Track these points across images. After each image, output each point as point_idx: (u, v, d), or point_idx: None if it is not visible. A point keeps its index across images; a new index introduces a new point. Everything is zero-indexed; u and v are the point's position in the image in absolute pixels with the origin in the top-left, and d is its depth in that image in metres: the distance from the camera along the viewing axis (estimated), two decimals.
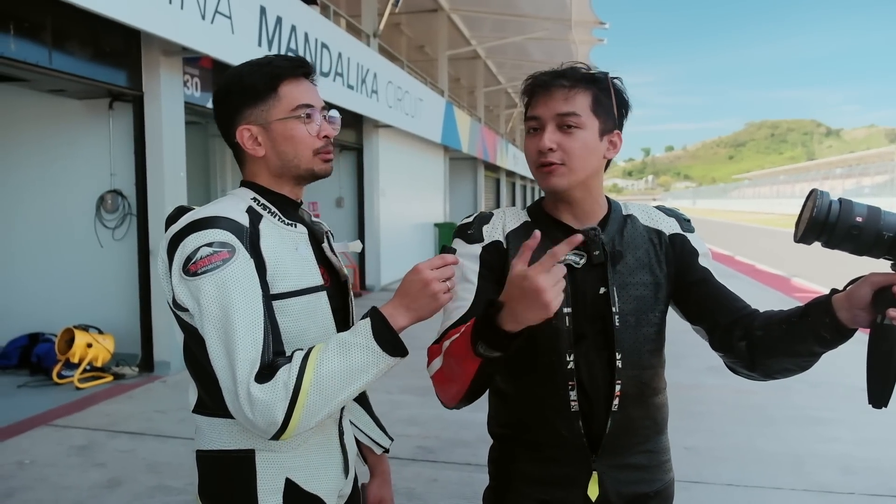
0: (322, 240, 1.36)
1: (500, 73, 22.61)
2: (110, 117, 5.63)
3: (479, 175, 19.46)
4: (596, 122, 1.31)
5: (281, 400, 1.07)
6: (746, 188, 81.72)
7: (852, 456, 3.80)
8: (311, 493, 1.27)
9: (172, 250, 1.17)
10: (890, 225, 1.05)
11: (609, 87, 1.33)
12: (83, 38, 4.88)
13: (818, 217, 1.07)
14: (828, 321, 1.13)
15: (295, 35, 6.85)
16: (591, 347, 1.32)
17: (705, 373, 5.41)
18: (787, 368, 1.25)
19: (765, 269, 14.12)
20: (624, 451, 1.35)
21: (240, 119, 1.26)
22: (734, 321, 1.31)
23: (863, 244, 1.07)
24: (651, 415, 1.38)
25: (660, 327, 1.38)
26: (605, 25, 15.35)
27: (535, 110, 1.33)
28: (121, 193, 5.64)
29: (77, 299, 5.74)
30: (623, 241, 1.36)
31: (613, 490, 1.34)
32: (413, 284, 1.16)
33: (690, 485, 3.43)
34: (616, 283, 1.33)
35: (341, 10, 9.91)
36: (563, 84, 1.30)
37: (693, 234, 1.43)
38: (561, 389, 1.31)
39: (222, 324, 1.11)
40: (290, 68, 1.27)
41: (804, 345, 1.18)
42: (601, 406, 1.32)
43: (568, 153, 1.29)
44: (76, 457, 3.83)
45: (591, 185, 1.36)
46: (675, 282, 1.39)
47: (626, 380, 1.32)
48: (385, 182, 11.10)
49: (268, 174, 1.29)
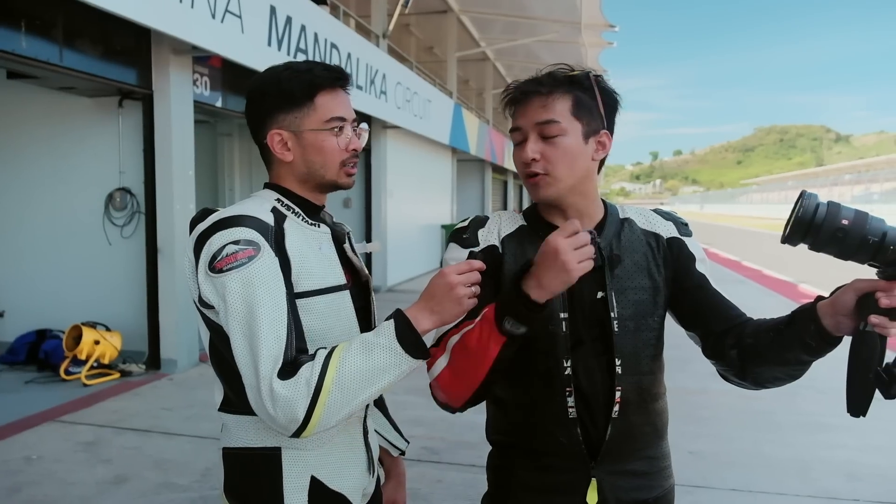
0: (343, 240, 1.38)
1: (510, 76, 22.60)
2: (119, 115, 5.66)
3: (486, 177, 19.47)
4: (578, 125, 1.28)
5: (303, 397, 1.08)
6: (754, 193, 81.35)
7: (858, 462, 3.78)
8: (336, 491, 1.28)
9: (199, 248, 1.19)
10: (875, 229, 1.04)
11: (593, 87, 1.30)
12: (94, 36, 4.91)
13: (804, 218, 1.06)
14: (813, 328, 1.11)
15: (305, 35, 6.87)
16: (589, 353, 1.30)
17: (712, 378, 5.35)
18: (776, 377, 1.24)
19: (772, 274, 14.06)
20: (624, 457, 1.33)
21: (272, 122, 1.28)
22: (727, 329, 1.29)
23: (847, 247, 1.05)
24: (651, 421, 1.36)
25: (659, 332, 1.36)
26: (615, 28, 15.32)
27: (517, 121, 1.32)
28: (129, 191, 5.67)
29: (85, 296, 5.78)
30: (621, 245, 1.34)
31: (613, 497, 1.31)
32: (439, 288, 1.16)
33: (695, 489, 3.42)
34: (614, 287, 1.31)
35: (351, 10, 9.94)
36: (540, 91, 1.28)
37: (690, 239, 1.40)
38: (558, 396, 1.29)
39: (247, 320, 1.12)
40: (328, 79, 1.28)
41: (791, 353, 1.16)
42: (601, 413, 1.30)
43: (551, 162, 1.27)
44: (83, 453, 3.85)
45: (584, 188, 1.33)
46: (673, 286, 1.37)
47: (627, 386, 1.30)
48: (393, 183, 11.11)
49: (293, 178, 1.31)
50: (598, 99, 1.30)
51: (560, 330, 1.29)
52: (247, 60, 5.81)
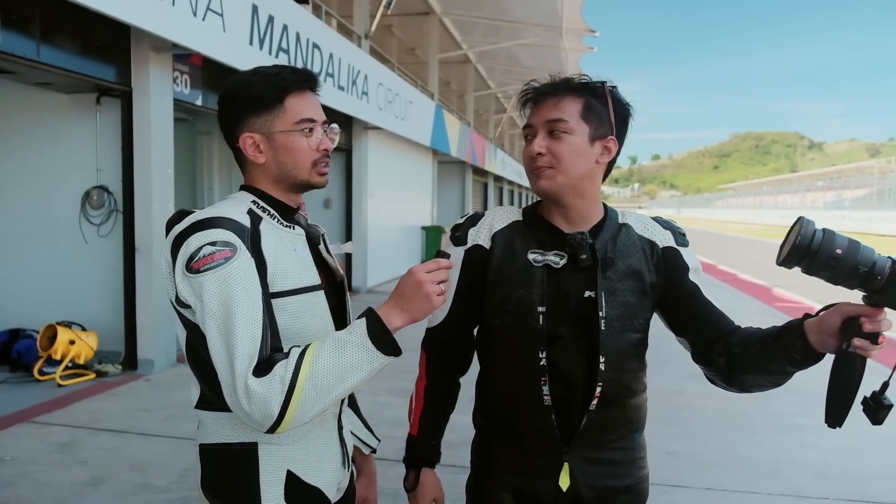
0: (318, 242, 1.40)
1: (491, 78, 22.69)
2: (98, 112, 5.59)
3: (467, 179, 19.50)
4: (586, 127, 1.35)
5: (277, 394, 1.10)
6: (730, 198, 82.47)
7: (828, 462, 3.87)
8: (312, 485, 1.31)
9: (176, 249, 1.21)
10: (866, 260, 1.11)
11: (605, 95, 1.37)
12: (72, 31, 4.85)
13: (802, 244, 1.13)
14: (799, 344, 1.21)
15: (286, 34, 6.84)
16: (570, 347, 1.38)
17: (688, 379, 5.46)
18: (761, 384, 1.33)
19: (747, 278, 14.27)
20: (597, 446, 1.41)
21: (243, 126, 1.30)
22: (717, 337, 1.37)
23: (839, 274, 1.13)
24: (628, 415, 1.43)
25: (644, 333, 1.43)
26: (596, 34, 15.44)
27: (530, 119, 1.40)
28: (107, 189, 5.60)
29: (60, 296, 5.69)
30: (616, 249, 1.41)
31: (584, 482, 1.40)
32: (408, 286, 1.21)
33: (671, 488, 3.48)
34: (604, 288, 1.38)
35: (333, 10, 9.92)
36: (552, 93, 1.37)
37: (686, 249, 1.47)
38: (534, 384, 1.37)
39: (223, 319, 1.14)
40: (297, 82, 1.30)
41: (777, 364, 1.25)
42: (578, 403, 1.38)
43: (556, 156, 1.35)
44: (58, 454, 3.80)
45: (585, 189, 1.39)
46: (664, 293, 1.43)
47: (608, 382, 1.37)
48: (373, 184, 11.10)
49: (267, 180, 1.33)
50: (609, 107, 1.38)
51: (537, 323, 1.37)
52: (228, 59, 5.78)
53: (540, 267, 1.38)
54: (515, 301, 1.39)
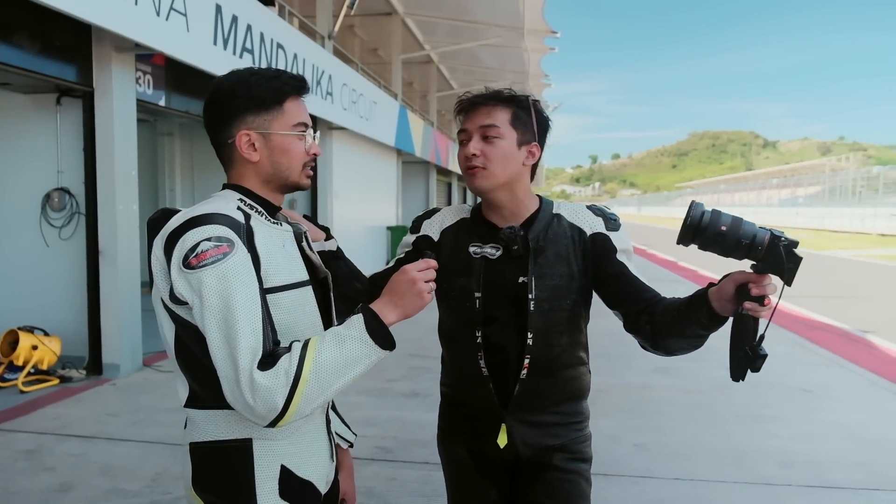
0: (301, 239, 1.42)
1: (453, 79, 22.76)
2: (58, 113, 5.46)
3: (431, 179, 19.54)
4: (514, 133, 1.56)
5: (282, 386, 1.13)
6: (689, 196, 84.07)
7: (789, 451, 4.01)
8: (305, 479, 1.34)
9: (171, 246, 1.21)
10: (747, 233, 1.26)
11: (529, 107, 1.58)
12: (31, 30, 4.74)
13: (692, 224, 1.29)
14: (705, 310, 1.35)
15: (251, 34, 6.79)
16: (507, 326, 1.58)
17: (654, 374, 5.61)
18: (682, 347, 1.47)
19: (706, 274, 14.61)
20: (532, 410, 1.62)
21: (241, 123, 1.32)
22: (643, 308, 1.53)
23: (726, 248, 1.28)
24: (560, 385, 1.63)
25: (572, 313, 1.61)
26: (557, 35, 15.63)
27: (464, 125, 1.59)
28: (68, 191, 5.48)
29: (21, 300, 5.55)
30: (547, 238, 1.60)
31: (520, 440, 1.62)
32: (401, 284, 1.27)
33: (640, 479, 3.57)
34: (535, 273, 1.57)
35: (296, 10, 9.85)
36: (485, 102, 1.57)
37: (616, 233, 1.63)
38: (473, 358, 1.60)
39: (223, 314, 1.15)
40: (296, 87, 1.37)
41: (691, 328, 1.40)
42: (513, 374, 1.59)
43: (489, 158, 1.54)
44: (24, 461, 3.72)
45: (515, 188, 1.59)
46: (594, 273, 1.61)
47: (535, 355, 1.57)
48: (339, 184, 11.06)
49: (256, 178, 1.35)
50: (532, 117, 1.58)
51: (474, 306, 1.59)
52: (192, 59, 5.71)
53: (478, 258, 1.60)
54: (457, 288, 1.62)
